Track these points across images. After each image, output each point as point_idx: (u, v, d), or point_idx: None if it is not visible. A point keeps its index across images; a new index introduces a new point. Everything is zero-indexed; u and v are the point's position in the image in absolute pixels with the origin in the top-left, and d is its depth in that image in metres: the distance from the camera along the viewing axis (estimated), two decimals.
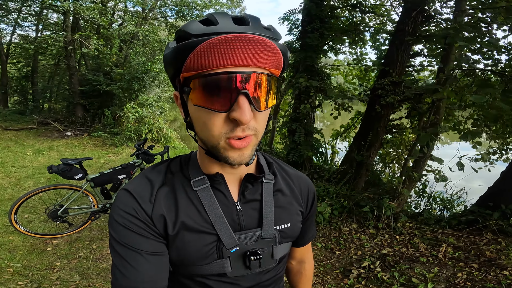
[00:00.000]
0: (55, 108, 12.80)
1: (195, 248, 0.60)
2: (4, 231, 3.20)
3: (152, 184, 0.62)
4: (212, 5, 9.73)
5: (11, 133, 8.91)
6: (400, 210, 3.65)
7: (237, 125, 0.52)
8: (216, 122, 0.52)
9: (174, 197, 0.62)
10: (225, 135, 0.53)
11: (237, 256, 0.63)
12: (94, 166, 6.17)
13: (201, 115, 0.54)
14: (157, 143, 8.13)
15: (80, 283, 2.42)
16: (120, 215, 0.58)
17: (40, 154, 6.93)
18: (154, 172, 0.65)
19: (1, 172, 5.36)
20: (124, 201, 0.59)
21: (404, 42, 4.04)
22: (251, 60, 0.49)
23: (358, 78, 5.85)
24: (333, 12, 4.61)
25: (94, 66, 9.58)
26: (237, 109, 0.50)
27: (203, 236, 0.61)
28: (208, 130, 0.54)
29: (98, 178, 3.31)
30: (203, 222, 0.61)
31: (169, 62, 0.55)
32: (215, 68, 0.49)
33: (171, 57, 0.53)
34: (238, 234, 0.63)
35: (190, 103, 0.55)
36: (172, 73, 0.57)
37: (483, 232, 3.04)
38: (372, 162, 4.38)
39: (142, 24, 9.35)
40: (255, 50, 0.49)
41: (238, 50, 0.47)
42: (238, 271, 0.64)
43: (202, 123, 0.54)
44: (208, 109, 0.51)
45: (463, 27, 3.07)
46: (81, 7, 7.83)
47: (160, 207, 0.60)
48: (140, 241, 0.57)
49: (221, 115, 0.52)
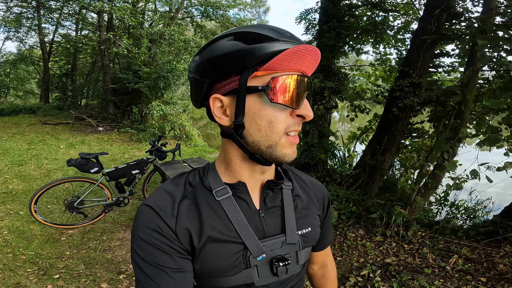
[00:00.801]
0: (91, 104, 13.60)
1: (222, 259, 0.60)
2: (27, 220, 3.47)
3: (173, 198, 0.62)
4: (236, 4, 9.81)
5: (49, 127, 9.61)
6: (414, 218, 3.48)
7: (299, 121, 0.59)
8: (282, 119, 0.57)
9: (197, 209, 0.62)
10: (285, 130, 0.58)
11: (264, 264, 0.63)
12: (118, 161, 6.50)
13: (268, 113, 0.57)
14: (179, 140, 8.38)
15: (83, 272, 2.57)
16: (144, 232, 0.58)
17: (72, 147, 7.40)
18: (173, 185, 0.65)
19: (34, 164, 5.82)
20: (148, 217, 0.59)
21: (426, 42, 3.84)
22: (311, 67, 0.60)
23: (382, 79, 5.63)
24: (351, 11, 4.48)
25: (126, 65, 10.06)
26: (304, 107, 0.59)
27: (229, 245, 0.61)
28: (272, 127, 0.57)
29: (113, 172, 3.49)
30: (228, 232, 0.61)
31: (235, 60, 0.55)
32: (293, 70, 0.58)
33: (245, 55, 0.55)
34: (263, 242, 0.63)
35: (257, 102, 0.57)
36: (225, 72, 0.57)
37: (501, 244, 2.83)
38: (387, 167, 4.21)
39: (169, 24, 9.65)
40: (315, 60, 0.59)
41: (307, 58, 0.57)
42: (266, 279, 0.64)
43: (267, 121, 0.57)
44: (286, 106, 0.57)
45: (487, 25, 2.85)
46: (113, 7, 8.26)
47: (183, 220, 0.59)
48: (165, 258, 0.57)
49: (285, 112, 0.58)
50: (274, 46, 0.54)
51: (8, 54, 19.06)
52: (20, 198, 4.09)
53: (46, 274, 2.52)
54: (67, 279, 2.48)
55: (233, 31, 0.58)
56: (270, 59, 0.54)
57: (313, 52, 0.57)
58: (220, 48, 0.57)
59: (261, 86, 0.56)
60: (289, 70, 0.57)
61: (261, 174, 0.66)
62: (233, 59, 0.56)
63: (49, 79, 14.84)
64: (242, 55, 0.55)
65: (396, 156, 4.53)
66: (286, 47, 0.54)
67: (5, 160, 5.90)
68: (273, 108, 0.57)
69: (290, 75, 0.57)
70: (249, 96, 0.57)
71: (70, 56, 15.30)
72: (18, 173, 5.20)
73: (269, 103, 0.56)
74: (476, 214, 4.19)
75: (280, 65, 0.56)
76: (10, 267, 2.59)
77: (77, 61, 15.50)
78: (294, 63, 0.56)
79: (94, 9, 8.40)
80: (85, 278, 2.50)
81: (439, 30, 3.88)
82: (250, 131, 0.59)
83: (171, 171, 3.51)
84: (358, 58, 5.73)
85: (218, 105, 0.60)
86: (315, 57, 0.58)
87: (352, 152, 5.40)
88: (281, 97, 0.56)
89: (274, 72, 0.56)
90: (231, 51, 0.55)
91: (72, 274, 2.54)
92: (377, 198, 3.72)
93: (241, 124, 0.58)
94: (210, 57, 0.58)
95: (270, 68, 0.56)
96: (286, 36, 0.56)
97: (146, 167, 3.72)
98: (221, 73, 0.58)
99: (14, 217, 3.54)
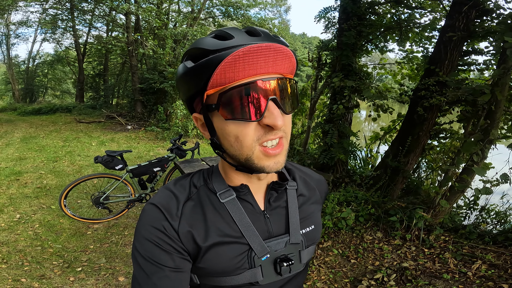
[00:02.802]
0: (121, 103, 14.21)
1: (228, 259, 0.61)
2: (57, 214, 3.70)
3: (177, 199, 0.62)
4: (257, 4, 9.83)
5: (83, 125, 10.16)
6: (437, 222, 3.34)
7: (269, 130, 0.54)
8: (249, 132, 0.54)
9: (201, 211, 0.62)
10: (258, 142, 0.55)
11: (268, 264, 0.65)
12: (144, 158, 6.75)
13: (232, 129, 0.55)
14: (201, 139, 8.55)
15: (104, 266, 2.71)
16: (147, 230, 0.59)
17: (103, 145, 7.78)
18: (178, 186, 0.66)
19: (68, 160, 6.19)
20: (153, 216, 0.60)
21: (453, 39, 3.65)
22: (272, 67, 0.53)
23: (409, 77, 5.42)
24: (373, 9, 4.34)
25: (152, 65, 10.41)
26: (269, 115, 0.53)
27: (234, 246, 0.62)
28: (240, 142, 0.55)
29: (136, 170, 3.65)
30: (233, 233, 0.62)
31: (189, 82, 0.55)
32: (241, 79, 0.51)
33: (191, 76, 0.54)
34: (267, 242, 0.65)
35: (218, 120, 0.56)
36: (191, 94, 0.57)
37: None
38: (410, 169, 4.06)
39: (192, 24, 9.85)
40: (275, 58, 0.52)
41: (260, 59, 0.50)
42: (270, 278, 0.65)
43: (234, 136, 0.55)
44: (241, 120, 0.53)
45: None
46: (140, 8, 8.56)
47: (187, 222, 0.60)
48: (165, 257, 0.58)
49: (252, 124, 0.54)
50: (212, 59, 0.50)
51: (46, 55, 20.27)
52: (53, 193, 4.38)
53: (70, 267, 2.67)
54: (88, 272, 2.63)
55: (188, 49, 0.57)
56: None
57: (266, 50, 0.50)
58: (178, 71, 0.58)
59: (214, 105, 0.54)
60: (240, 79, 0.51)
61: (259, 180, 0.66)
62: (185, 82, 0.56)
63: (83, 79, 15.69)
64: (189, 76, 0.54)
65: (421, 157, 4.36)
66: (223, 57, 0.49)
67: (41, 156, 6.33)
68: (236, 123, 0.54)
69: (238, 86, 0.51)
70: (212, 114, 0.58)
71: (102, 57, 16.05)
72: (53, 169, 5.56)
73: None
74: (508, 219, 3.95)
75: (224, 78, 0.51)
76: (37, 259, 2.77)
77: (109, 62, 16.22)
78: (242, 70, 0.50)
79: (122, 11, 8.76)
80: (104, 271, 2.64)
81: (468, 27, 3.68)
82: (226, 146, 0.59)
83: (190, 169, 3.61)
84: (383, 56, 5.54)
85: (198, 122, 0.63)
86: (275, 53, 0.51)
87: (375, 153, 5.25)
88: (232, 112, 0.53)
89: (222, 88, 0.53)
90: (182, 73, 0.56)
91: (94, 267, 2.69)
92: (398, 200, 3.60)
93: (214, 141, 0.60)
94: (176, 80, 0.60)
95: (216, 84, 0.52)
96: (230, 41, 0.51)
97: (167, 165, 3.85)
98: (188, 94, 0.59)
99: (46, 211, 3.80)
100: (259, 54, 0.49)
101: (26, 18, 16.05)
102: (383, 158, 4.31)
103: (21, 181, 4.80)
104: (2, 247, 2.92)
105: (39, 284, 2.42)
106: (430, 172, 4.71)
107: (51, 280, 2.49)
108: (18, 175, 5.09)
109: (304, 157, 5.01)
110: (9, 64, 17.90)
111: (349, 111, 4.48)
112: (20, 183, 4.73)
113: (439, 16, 4.64)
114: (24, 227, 3.35)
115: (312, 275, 2.54)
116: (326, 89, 4.81)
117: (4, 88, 21.17)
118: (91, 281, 2.50)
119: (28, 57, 19.07)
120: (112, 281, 2.52)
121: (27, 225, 3.40)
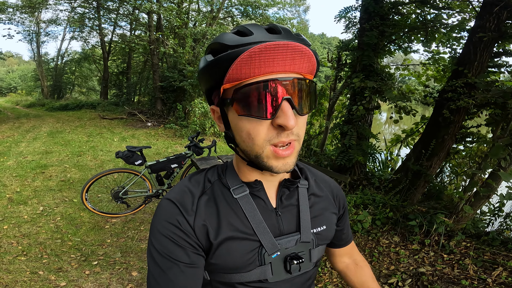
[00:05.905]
0: (142, 101, 14.56)
1: (238, 256, 0.61)
2: (79, 208, 3.81)
3: (192, 194, 0.63)
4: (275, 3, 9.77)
5: (106, 121, 10.49)
6: (459, 228, 3.21)
7: (282, 131, 0.53)
8: (261, 130, 0.54)
9: (215, 206, 0.63)
10: (270, 142, 0.54)
11: (278, 261, 0.65)
12: (162, 155, 6.88)
13: (245, 125, 0.55)
14: (218, 137, 8.61)
15: (119, 260, 2.76)
16: (163, 226, 0.60)
17: (124, 141, 8.00)
18: (193, 181, 0.66)
19: (91, 155, 6.40)
20: (169, 212, 0.61)
21: (483, 40, 3.49)
22: (290, 66, 0.52)
23: (435, 79, 5.22)
24: (397, 9, 4.21)
25: (172, 63, 10.60)
26: (281, 115, 0.52)
27: (245, 242, 0.62)
28: (252, 139, 0.55)
29: (154, 165, 3.72)
30: (245, 229, 0.62)
31: (208, 75, 0.56)
32: (257, 76, 0.51)
33: (210, 70, 0.55)
34: (278, 239, 0.65)
35: (233, 114, 0.56)
36: (210, 86, 0.58)
37: None
38: (433, 173, 3.91)
39: (211, 23, 9.94)
40: (293, 56, 0.51)
41: (277, 57, 0.50)
42: (279, 276, 0.65)
43: (246, 133, 0.55)
44: (253, 117, 0.53)
45: None
46: (161, 7, 8.73)
47: (201, 216, 0.61)
48: (180, 252, 0.59)
49: (265, 122, 0.53)
50: (230, 54, 0.50)
51: (74, 53, 21.09)
52: (76, 187, 4.54)
53: (87, 260, 2.73)
54: (104, 266, 2.68)
55: (210, 43, 0.58)
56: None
57: (283, 48, 0.49)
58: (200, 64, 0.59)
59: (229, 99, 0.54)
60: (255, 76, 0.51)
61: (271, 176, 0.66)
62: (205, 74, 0.57)
63: (108, 76, 16.21)
64: (208, 70, 0.55)
65: (445, 161, 4.19)
66: (240, 53, 0.49)
67: (66, 150, 6.59)
68: (249, 120, 0.54)
69: (253, 83, 0.51)
70: (227, 108, 0.58)
71: (125, 55, 16.52)
72: (77, 163, 5.76)
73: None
74: None
75: (240, 74, 0.51)
76: (56, 252, 2.84)
77: (132, 60, 16.68)
78: (258, 67, 0.50)
79: (145, 10, 8.97)
80: (119, 266, 2.68)
81: (499, 28, 3.51)
82: (238, 141, 0.59)
83: (206, 167, 3.62)
84: (407, 57, 5.38)
85: (215, 114, 0.63)
86: (293, 52, 0.50)
87: (395, 156, 5.10)
88: (246, 108, 0.53)
89: (238, 83, 0.53)
90: (202, 66, 0.57)
91: (109, 261, 2.74)
92: (418, 205, 3.47)
93: (228, 134, 0.61)
94: (198, 72, 0.61)
95: (232, 79, 0.52)
96: (249, 38, 0.51)
97: (184, 162, 3.90)
98: (208, 86, 0.59)
99: (68, 204, 3.93)
100: (276, 52, 0.49)
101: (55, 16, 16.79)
102: (404, 161, 4.17)
103: (46, 174, 5.00)
104: (24, 239, 3.01)
105: (56, 277, 2.47)
106: (454, 176, 4.52)
107: (68, 273, 2.54)
108: (44, 168, 5.31)
109: (321, 158, 4.94)
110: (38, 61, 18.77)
111: (369, 112, 4.37)
112: (45, 176, 4.93)
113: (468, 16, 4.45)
114: (46, 220, 3.47)
115: (324, 277, 2.49)
116: (345, 90, 4.72)
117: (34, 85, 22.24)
118: (105, 275, 2.55)
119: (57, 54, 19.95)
120: (125, 276, 2.56)
121: (49, 218, 3.52)
